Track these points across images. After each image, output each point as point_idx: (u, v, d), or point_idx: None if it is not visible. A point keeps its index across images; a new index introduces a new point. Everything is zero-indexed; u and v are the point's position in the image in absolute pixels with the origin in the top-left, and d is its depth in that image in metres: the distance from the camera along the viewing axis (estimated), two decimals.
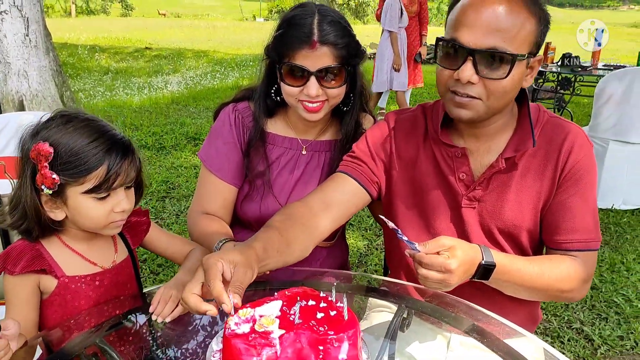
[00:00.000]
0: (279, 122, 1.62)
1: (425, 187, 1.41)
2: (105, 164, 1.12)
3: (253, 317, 0.96)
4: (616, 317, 2.78)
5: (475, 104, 1.22)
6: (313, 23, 1.41)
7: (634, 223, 3.93)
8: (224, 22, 35.94)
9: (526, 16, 1.18)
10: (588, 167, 1.31)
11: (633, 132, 4.01)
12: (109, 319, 1.18)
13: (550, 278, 1.27)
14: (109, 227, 1.20)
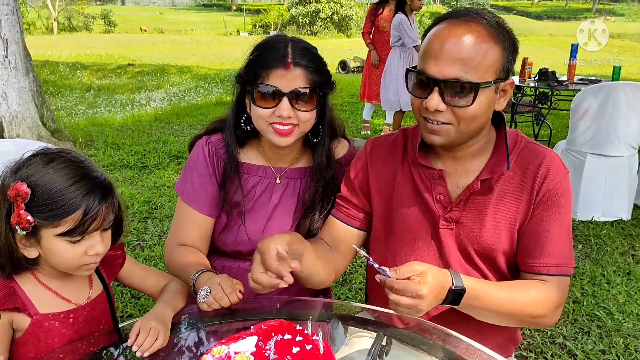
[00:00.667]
0: (251, 152, 1.63)
1: (403, 208, 1.43)
2: (81, 208, 1.12)
3: (228, 354, 0.96)
4: (598, 331, 2.80)
5: (446, 129, 1.27)
6: (287, 46, 1.44)
7: (614, 235, 3.98)
8: (207, 37, 36.00)
9: (490, 45, 1.23)
10: (563, 192, 1.33)
11: (609, 145, 4.08)
12: (84, 356, 1.17)
13: (521, 303, 1.28)
14: (80, 269, 1.19)
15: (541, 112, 4.88)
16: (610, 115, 4.01)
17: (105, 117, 8.46)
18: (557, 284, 1.33)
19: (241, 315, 1.31)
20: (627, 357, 2.59)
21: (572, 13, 62.52)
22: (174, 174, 5.21)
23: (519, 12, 64.87)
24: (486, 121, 1.33)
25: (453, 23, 1.25)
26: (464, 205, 1.37)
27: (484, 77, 1.22)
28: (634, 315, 2.92)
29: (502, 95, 1.32)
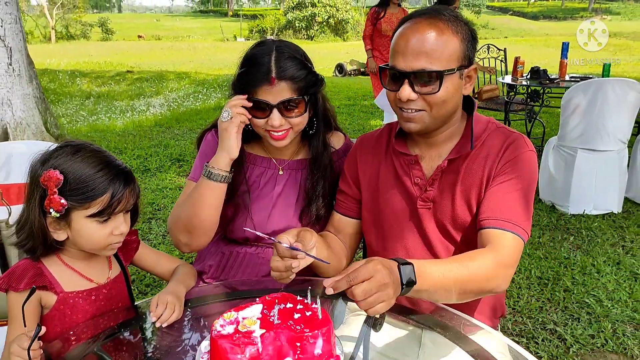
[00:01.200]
0: (255, 146, 1.75)
1: (387, 193, 1.58)
2: (109, 191, 1.24)
3: (237, 319, 1.07)
4: (587, 317, 2.91)
5: (420, 115, 1.41)
6: (271, 61, 1.53)
7: (604, 227, 4.10)
8: (205, 43, 36.19)
9: (449, 37, 1.38)
10: (521, 164, 1.43)
11: (599, 140, 4.20)
12: (105, 330, 1.29)
13: (471, 269, 1.28)
14: (106, 249, 1.31)
15: (533, 110, 5.00)
16: (599, 111, 4.12)
17: (106, 124, 8.57)
18: (500, 241, 1.35)
19: (247, 294, 1.42)
20: (615, 340, 2.70)
21: (568, 13, 62.71)
22: (176, 176, 5.33)
23: (515, 13, 65.10)
24: (455, 105, 1.47)
25: (415, 22, 1.40)
26: (438, 185, 1.50)
27: (446, 65, 1.37)
28: (622, 302, 3.04)
29: (468, 80, 1.46)
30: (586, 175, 4.29)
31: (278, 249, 1.31)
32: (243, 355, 1.02)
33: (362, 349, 1.32)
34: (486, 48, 6.57)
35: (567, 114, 4.27)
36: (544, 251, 3.69)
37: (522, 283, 3.27)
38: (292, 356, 1.05)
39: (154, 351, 1.27)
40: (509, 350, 1.35)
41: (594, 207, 4.33)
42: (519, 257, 1.38)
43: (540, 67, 5.20)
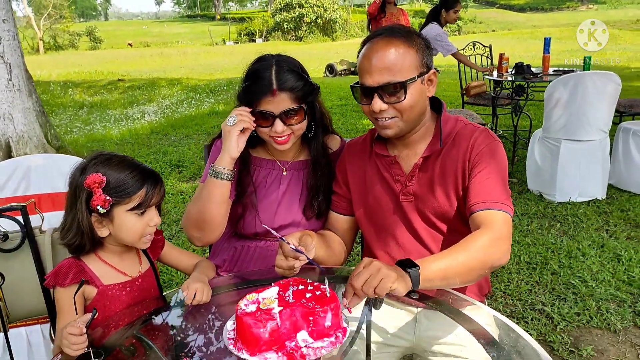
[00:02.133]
0: (261, 151, 1.93)
1: (373, 191, 1.77)
2: (145, 187, 1.45)
3: (257, 299, 1.26)
4: (573, 297, 3.11)
5: (394, 122, 1.61)
6: (272, 75, 1.71)
7: (589, 213, 4.30)
8: (194, 48, 36.25)
9: (405, 50, 1.56)
10: (489, 153, 1.61)
11: (581, 130, 4.40)
12: (140, 317, 1.47)
13: (470, 253, 1.42)
14: (142, 240, 1.50)
15: (519, 104, 5.20)
16: (580, 103, 4.33)
17: (102, 133, 8.71)
18: (491, 218, 1.50)
19: (261, 282, 1.60)
20: (599, 317, 2.90)
21: (555, 3, 63.11)
22: (177, 182, 5.50)
23: (502, 6, 65.43)
24: (423, 108, 1.65)
25: (374, 42, 1.59)
26: (416, 180, 1.69)
27: (408, 75, 1.55)
28: (606, 282, 3.24)
29: (430, 84, 1.65)
30: (571, 165, 4.49)
31: (283, 249, 1.49)
32: (265, 329, 1.20)
33: (365, 326, 1.51)
34: (472, 45, 6.77)
35: (550, 107, 4.47)
36: (533, 238, 3.89)
37: (512, 268, 3.46)
38: (306, 329, 1.23)
39: (184, 333, 1.45)
40: (494, 322, 1.53)
41: (579, 194, 4.54)
42: (510, 230, 1.53)
43: (523, 63, 5.39)
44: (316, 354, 1.21)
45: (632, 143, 4.65)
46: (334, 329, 1.25)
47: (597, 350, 2.66)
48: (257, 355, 1.20)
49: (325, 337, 1.24)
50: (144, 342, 1.36)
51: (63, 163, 2.36)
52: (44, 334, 2.06)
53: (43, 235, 1.76)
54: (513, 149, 5.53)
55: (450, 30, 46.37)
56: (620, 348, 2.67)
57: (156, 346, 1.36)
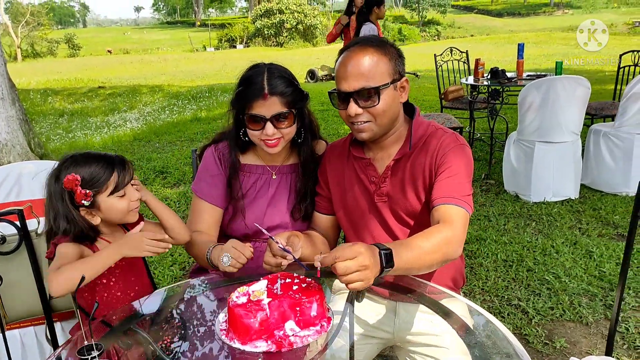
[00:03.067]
0: (251, 155, 2.03)
1: (351, 191, 1.88)
2: (115, 171, 1.62)
3: (248, 292, 1.35)
4: (547, 292, 3.25)
5: (368, 126, 1.72)
6: (263, 80, 1.81)
7: (563, 212, 4.46)
8: (174, 55, 36.13)
9: (378, 58, 1.68)
10: (453, 154, 1.71)
11: (554, 132, 4.57)
12: (135, 311, 1.56)
13: (432, 245, 1.49)
14: (129, 215, 1.68)
15: (495, 108, 5.36)
16: (552, 107, 4.49)
17: (84, 140, 8.70)
18: (450, 213, 1.58)
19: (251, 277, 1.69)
20: (572, 311, 3.04)
21: (531, 8, 64.11)
22: (161, 188, 5.55)
23: (480, 11, 66.31)
24: (395, 113, 1.76)
25: (350, 51, 1.71)
26: (389, 181, 1.80)
27: (381, 81, 1.67)
28: (578, 277, 3.38)
29: (402, 90, 1.76)
30: (545, 166, 4.65)
31: (272, 247, 1.60)
32: (255, 319, 1.29)
33: (348, 319, 1.61)
34: (449, 51, 6.94)
35: (524, 110, 4.63)
36: (509, 237, 4.03)
37: (489, 266, 3.60)
38: (294, 318, 1.33)
39: (178, 326, 1.55)
40: (468, 312, 1.64)
41: (553, 194, 4.70)
42: (466, 224, 1.60)
43: (498, 68, 5.56)
44: (303, 341, 1.31)
45: (602, 144, 4.83)
46: (319, 319, 1.35)
47: (570, 342, 2.79)
48: (248, 344, 1.29)
49: (311, 326, 1.34)
50: (139, 335, 1.44)
51: None
52: (37, 335, 2.12)
53: (39, 239, 1.83)
54: (490, 151, 5.69)
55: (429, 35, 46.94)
56: (592, 340, 2.81)
57: (151, 339, 1.44)
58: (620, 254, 3.64)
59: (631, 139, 4.64)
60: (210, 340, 1.42)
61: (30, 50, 42.19)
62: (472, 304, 1.63)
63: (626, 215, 4.31)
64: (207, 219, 1.97)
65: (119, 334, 1.46)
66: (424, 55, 20.95)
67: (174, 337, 1.47)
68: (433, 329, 1.64)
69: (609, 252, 3.67)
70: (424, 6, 52.07)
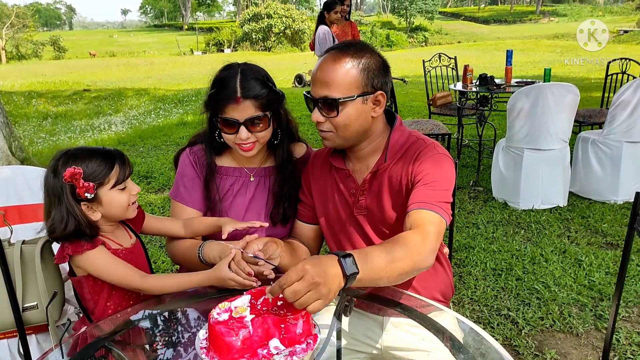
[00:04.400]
0: (227, 158, 1.96)
1: (333, 202, 1.82)
2: (117, 164, 1.57)
3: (230, 308, 1.28)
4: (537, 302, 3.20)
5: (330, 135, 1.66)
6: (236, 83, 1.74)
7: (552, 220, 4.43)
8: (161, 58, 35.93)
9: (348, 69, 1.58)
10: (430, 163, 1.62)
11: (542, 140, 4.54)
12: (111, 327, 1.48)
13: (404, 252, 1.38)
14: (129, 210, 1.63)
15: (483, 114, 5.33)
16: (541, 114, 4.47)
17: (68, 144, 8.56)
18: (422, 219, 1.48)
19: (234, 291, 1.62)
20: (562, 321, 2.99)
21: (518, 16, 64.71)
22: (145, 193, 5.45)
23: (467, 18, 66.84)
24: (361, 127, 1.65)
25: (326, 56, 1.64)
26: (367, 194, 1.73)
27: (345, 93, 1.58)
28: (567, 287, 3.34)
29: (377, 104, 1.64)
30: (533, 173, 4.63)
31: (243, 256, 1.56)
32: (237, 337, 1.22)
33: (335, 333, 1.54)
34: (438, 57, 6.92)
35: (513, 117, 4.61)
36: (498, 245, 3.99)
37: (478, 275, 3.55)
38: (278, 336, 1.25)
39: (156, 344, 1.46)
40: (458, 325, 1.58)
41: (542, 202, 4.68)
42: (439, 232, 1.48)
43: (487, 74, 5.54)
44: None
45: (590, 152, 4.82)
46: (305, 336, 1.28)
47: (560, 354, 2.75)
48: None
49: (296, 344, 1.27)
50: (114, 353, 1.36)
51: (30, 175, 2.34)
52: (10, 348, 2.03)
53: (12, 248, 1.75)
54: (479, 158, 5.66)
55: (417, 41, 47.16)
56: (582, 351, 2.77)
57: (127, 358, 1.36)
58: (609, 262, 3.62)
59: (619, 146, 4.64)
60: (189, 358, 1.34)
61: (15, 52, 41.73)
62: (463, 318, 1.57)
63: (614, 224, 4.29)
64: None
65: (92, 351, 1.38)
66: (412, 61, 21.04)
67: (150, 356, 1.39)
68: (422, 345, 1.58)
69: (598, 261, 3.64)
70: (411, 12, 52.24)
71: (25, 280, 1.75)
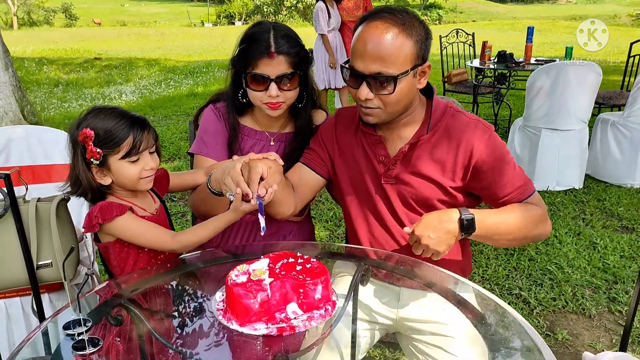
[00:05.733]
0: (248, 119, 1.91)
1: (357, 167, 1.73)
2: (131, 135, 1.50)
3: (248, 270, 1.25)
4: (550, 283, 3.17)
5: (377, 112, 1.57)
6: (270, 37, 1.69)
7: (566, 202, 4.37)
8: (172, 29, 35.62)
9: (403, 41, 1.48)
10: (493, 143, 1.60)
11: (561, 120, 4.46)
12: (128, 286, 1.45)
13: (524, 219, 1.56)
14: (141, 183, 1.56)
15: (500, 92, 5.24)
16: (561, 93, 4.38)
17: (79, 111, 8.50)
18: (530, 201, 1.62)
19: (250, 255, 1.59)
20: (575, 302, 2.96)
21: None
22: None
23: None
24: (410, 100, 1.60)
25: (372, 25, 1.50)
26: (400, 165, 1.66)
27: (401, 68, 1.48)
28: (581, 269, 3.30)
29: (422, 75, 1.58)
30: (550, 154, 4.55)
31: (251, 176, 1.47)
32: (255, 300, 1.19)
33: (352, 302, 1.51)
34: (455, 32, 6.79)
35: (532, 96, 4.52)
36: None
37: (490, 254, 3.51)
38: (296, 300, 1.22)
39: (172, 305, 1.45)
40: (475, 297, 1.54)
41: (557, 183, 4.61)
42: None
43: (506, 51, 5.43)
44: (306, 326, 1.22)
45: (610, 134, 4.72)
46: (323, 302, 1.25)
47: (572, 335, 2.72)
48: (247, 325, 1.19)
49: (314, 309, 1.24)
50: (131, 312, 1.34)
51: (44, 135, 2.32)
52: (23, 307, 2.02)
53: (27, 205, 1.72)
54: None
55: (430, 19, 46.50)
56: (594, 332, 2.74)
57: (143, 317, 1.34)
58: (624, 246, 3.57)
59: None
60: (205, 320, 1.32)
61: (27, 19, 41.52)
62: (484, 290, 1.53)
63: (631, 208, 4.22)
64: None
65: (109, 309, 1.36)
66: None
67: (167, 316, 1.37)
68: (440, 317, 1.55)
69: (614, 244, 3.59)
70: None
71: (39, 238, 1.72)
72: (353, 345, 1.50)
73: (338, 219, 4.09)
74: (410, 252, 1.62)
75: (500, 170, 1.61)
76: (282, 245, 1.83)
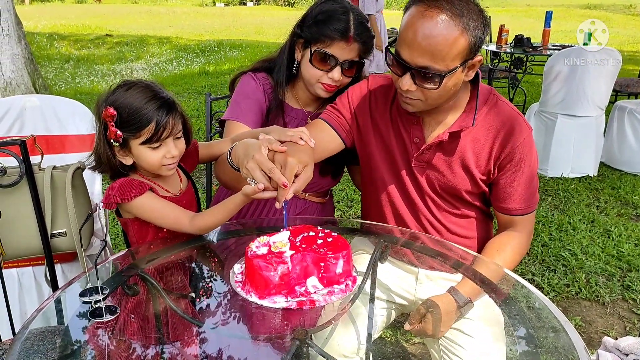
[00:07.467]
0: (288, 93, 1.84)
1: (387, 143, 1.65)
2: (154, 121, 1.38)
3: (268, 242, 1.22)
4: (563, 269, 3.14)
5: (416, 103, 1.47)
6: (350, 21, 1.64)
7: (580, 189, 4.32)
8: (184, 8, 35.41)
9: (458, 35, 1.33)
10: (526, 150, 1.53)
11: (578, 106, 4.39)
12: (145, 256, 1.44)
13: (512, 255, 1.64)
14: (162, 170, 1.47)
15: (516, 77, 5.16)
16: (579, 78, 4.31)
17: (90, 87, 8.51)
18: (526, 221, 1.62)
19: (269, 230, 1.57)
20: (588, 289, 2.93)
21: None
22: None
23: None
24: (455, 93, 1.49)
25: (426, 12, 1.33)
26: (434, 151, 1.58)
27: (450, 65, 1.35)
28: (595, 256, 3.26)
29: (471, 68, 1.45)
30: (565, 140, 4.49)
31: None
32: (275, 272, 1.16)
33: (370, 281, 1.49)
34: None
35: (549, 81, 4.44)
36: None
37: None
38: (317, 275, 1.20)
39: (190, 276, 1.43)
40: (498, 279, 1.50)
41: (571, 170, 4.56)
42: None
43: (523, 35, 5.34)
44: (326, 300, 1.19)
45: (627, 122, 4.66)
46: (344, 277, 1.23)
47: (585, 321, 2.69)
48: (266, 298, 1.17)
49: (335, 284, 1.22)
50: (147, 282, 1.32)
51: (58, 105, 2.28)
52: (36, 276, 2.02)
53: (42, 173, 1.70)
54: None
55: None
56: (608, 320, 2.71)
57: (160, 287, 1.32)
58: (639, 234, 3.52)
59: None
60: (224, 292, 1.30)
61: None
62: (509, 271, 1.49)
63: None
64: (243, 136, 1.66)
65: (126, 278, 1.34)
66: None
67: (184, 287, 1.35)
68: None
69: (628, 233, 3.54)
70: None
71: (54, 207, 1.70)
72: (370, 323, 1.48)
73: (349, 200, 4.06)
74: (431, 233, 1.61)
75: (519, 178, 1.55)
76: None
